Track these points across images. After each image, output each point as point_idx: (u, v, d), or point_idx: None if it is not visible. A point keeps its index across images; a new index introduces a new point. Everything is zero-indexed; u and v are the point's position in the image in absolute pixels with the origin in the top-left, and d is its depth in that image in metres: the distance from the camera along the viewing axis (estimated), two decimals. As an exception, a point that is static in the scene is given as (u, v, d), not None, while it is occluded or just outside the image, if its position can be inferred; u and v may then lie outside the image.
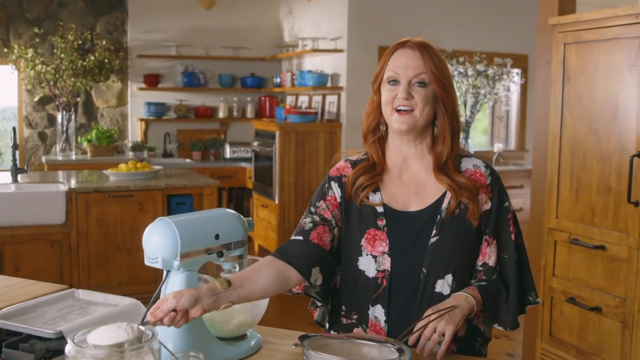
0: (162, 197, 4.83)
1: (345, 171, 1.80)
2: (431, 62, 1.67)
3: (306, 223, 1.77)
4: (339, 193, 1.78)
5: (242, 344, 1.65)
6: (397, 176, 1.76)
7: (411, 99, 1.67)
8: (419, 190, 1.74)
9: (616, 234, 3.17)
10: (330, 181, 1.81)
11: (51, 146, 7.16)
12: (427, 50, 1.69)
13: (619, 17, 3.10)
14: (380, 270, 1.70)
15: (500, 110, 7.26)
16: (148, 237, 1.53)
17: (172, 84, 7.49)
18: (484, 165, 1.76)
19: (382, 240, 1.70)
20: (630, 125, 3.08)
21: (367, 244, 1.71)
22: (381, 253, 1.70)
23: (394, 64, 1.70)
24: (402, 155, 1.77)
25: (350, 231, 1.75)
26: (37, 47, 6.79)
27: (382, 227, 1.71)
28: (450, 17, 6.62)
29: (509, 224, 1.75)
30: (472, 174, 1.73)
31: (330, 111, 6.47)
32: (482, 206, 1.72)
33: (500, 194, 1.74)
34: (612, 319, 3.21)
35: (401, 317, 1.70)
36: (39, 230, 4.49)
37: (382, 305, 1.71)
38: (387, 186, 1.76)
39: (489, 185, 1.73)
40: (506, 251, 1.74)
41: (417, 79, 1.68)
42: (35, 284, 2.19)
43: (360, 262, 1.72)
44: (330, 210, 1.77)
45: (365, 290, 1.72)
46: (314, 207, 1.80)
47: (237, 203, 7.39)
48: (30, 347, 1.62)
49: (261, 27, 7.73)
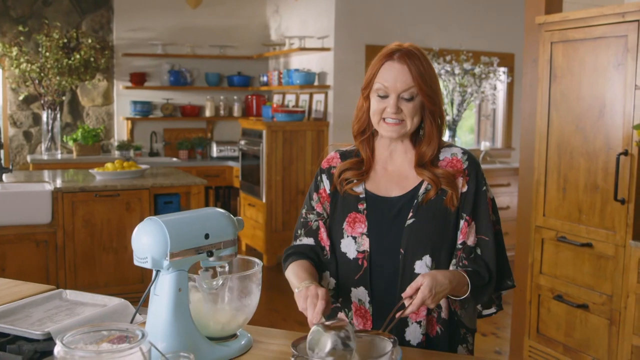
0: (149, 196, 4.81)
1: (334, 162, 1.91)
2: (418, 76, 1.73)
3: (312, 221, 1.88)
4: (328, 185, 1.89)
5: (233, 343, 1.64)
6: (382, 169, 1.86)
7: (400, 112, 1.75)
8: (400, 181, 1.83)
9: (603, 232, 3.19)
10: (322, 173, 1.91)
11: (36, 145, 7.10)
12: (414, 63, 1.73)
13: (605, 16, 3.12)
14: (360, 251, 1.78)
15: (487, 108, 7.28)
16: (137, 237, 1.51)
17: (158, 83, 7.45)
18: (461, 152, 1.83)
19: (362, 222, 1.80)
20: (617, 123, 3.10)
21: (347, 227, 1.81)
22: (360, 234, 1.79)
23: (383, 77, 1.75)
24: (389, 150, 1.86)
25: (335, 217, 1.85)
26: (22, 46, 6.73)
27: (362, 211, 1.80)
28: (437, 15, 6.63)
29: (488, 208, 1.80)
30: (449, 161, 1.81)
31: (317, 110, 6.46)
32: (459, 190, 1.78)
33: (478, 178, 1.81)
34: (598, 316, 3.23)
35: (384, 298, 1.76)
36: (24, 230, 4.45)
37: (364, 287, 1.78)
38: (372, 178, 1.86)
39: (466, 169, 1.80)
40: (487, 234, 1.79)
41: (405, 93, 1.74)
42: (22, 285, 2.16)
43: (342, 244, 1.82)
44: (322, 203, 1.88)
45: (348, 272, 1.81)
46: (312, 200, 1.91)
47: (224, 202, 7.37)
48: (18, 348, 1.61)
49: (248, 25, 7.71)
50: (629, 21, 3.00)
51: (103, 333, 1.36)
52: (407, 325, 1.76)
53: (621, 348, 3.10)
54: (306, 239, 1.88)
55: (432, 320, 1.77)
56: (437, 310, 1.77)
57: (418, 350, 1.73)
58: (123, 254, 4.71)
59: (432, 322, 1.77)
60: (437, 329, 1.78)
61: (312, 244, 1.87)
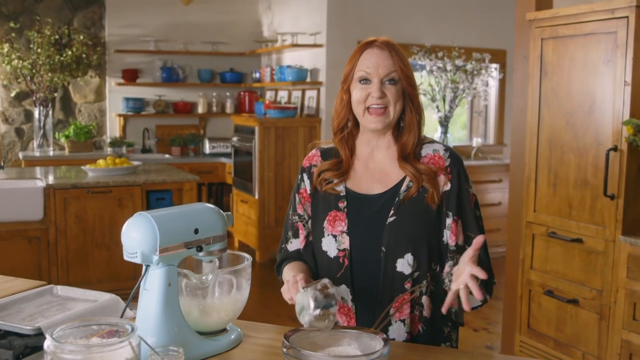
0: (141, 192, 4.81)
1: (314, 160, 1.91)
2: (399, 60, 1.76)
3: (297, 222, 1.90)
4: (308, 185, 1.88)
5: (222, 338, 1.65)
6: (364, 166, 1.85)
7: (384, 97, 1.75)
8: (382, 178, 1.82)
9: (593, 227, 3.21)
10: (303, 173, 1.91)
11: (28, 142, 7.09)
12: (394, 50, 1.77)
13: (595, 12, 3.13)
14: (340, 250, 1.78)
15: (479, 105, 7.30)
16: (127, 232, 1.52)
17: (150, 79, 7.44)
18: (443, 149, 1.82)
19: (342, 220, 1.79)
20: (606, 119, 3.12)
21: (328, 225, 1.80)
22: (340, 232, 1.78)
23: (364, 64, 1.77)
24: (370, 146, 1.85)
25: (316, 216, 1.85)
26: (14, 42, 6.72)
27: (342, 209, 1.80)
28: (429, 12, 6.64)
29: (472, 205, 1.81)
30: (431, 157, 1.80)
31: (309, 106, 6.47)
32: (442, 187, 1.77)
33: (460, 175, 1.80)
34: (589, 311, 3.25)
35: (366, 296, 1.76)
36: (16, 226, 4.45)
37: (346, 285, 1.78)
38: (352, 176, 1.84)
39: (448, 167, 1.79)
40: (474, 231, 1.79)
41: (388, 77, 1.76)
42: (14, 281, 2.17)
43: (323, 242, 1.81)
44: (302, 203, 1.89)
45: (329, 271, 1.80)
46: (295, 201, 1.91)
47: (217, 198, 7.37)
48: (9, 343, 1.61)
49: (240, 22, 7.70)
50: (618, 17, 3.02)
51: (93, 327, 1.37)
52: (390, 324, 1.75)
53: (611, 342, 3.12)
54: (295, 241, 1.90)
55: (414, 319, 1.77)
56: (419, 308, 1.77)
57: (404, 344, 1.73)
58: (115, 251, 4.71)
59: (415, 321, 1.77)
60: (419, 328, 1.77)
61: (300, 247, 1.89)
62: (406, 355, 1.62)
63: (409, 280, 1.73)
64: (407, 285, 1.73)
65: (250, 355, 1.62)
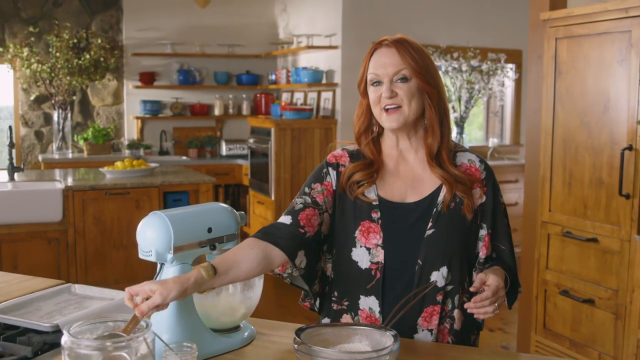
0: (158, 194, 4.85)
1: (342, 160, 1.80)
2: (409, 57, 1.69)
3: (297, 203, 1.76)
4: (335, 180, 1.78)
5: (236, 335, 1.67)
6: (394, 169, 1.77)
7: (395, 96, 1.69)
8: (415, 183, 1.75)
9: (608, 227, 3.20)
10: (328, 167, 1.80)
11: (47, 145, 7.17)
12: (403, 46, 1.70)
13: (609, 11, 3.13)
14: (373, 262, 1.71)
15: (495, 105, 7.28)
16: (142, 231, 1.55)
17: (167, 82, 7.50)
18: (478, 160, 1.79)
19: (376, 232, 1.70)
20: (621, 118, 3.11)
21: (361, 236, 1.72)
22: (374, 245, 1.70)
23: (373, 66, 1.72)
24: (398, 149, 1.78)
25: (345, 221, 1.75)
26: (33, 46, 6.80)
27: (376, 220, 1.71)
28: (444, 13, 6.64)
29: (503, 216, 1.80)
30: (467, 168, 1.76)
31: (325, 107, 6.49)
32: (476, 200, 1.74)
33: (495, 188, 1.78)
34: (604, 311, 3.24)
35: None
36: (36, 228, 4.51)
37: (376, 297, 1.71)
38: (384, 180, 1.76)
39: (484, 180, 1.76)
40: (503, 242, 1.78)
41: (398, 76, 1.69)
42: (32, 280, 2.21)
43: (354, 253, 1.73)
44: (324, 195, 1.76)
45: (359, 280, 1.73)
46: (308, 187, 1.79)
47: (234, 200, 7.41)
48: (28, 340, 1.65)
49: (256, 24, 7.74)
50: (632, 16, 3.01)
51: (109, 324, 1.39)
52: (416, 332, 1.72)
53: (627, 342, 3.11)
54: (282, 218, 1.74)
55: (443, 331, 1.73)
56: (450, 321, 1.73)
57: (426, 343, 1.71)
58: (133, 251, 4.72)
59: (444, 333, 1.73)
60: (449, 339, 1.74)
61: (286, 222, 1.72)
62: (427, 355, 1.63)
63: (441, 292, 1.70)
64: (439, 298, 1.70)
65: (262, 352, 1.64)
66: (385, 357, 1.37)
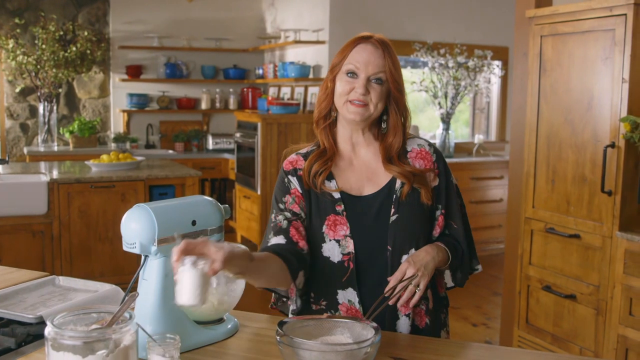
0: (144, 187, 4.85)
1: (298, 164, 1.84)
2: (390, 62, 1.75)
3: (281, 222, 1.78)
4: (298, 185, 1.81)
5: (219, 327, 1.69)
6: (348, 164, 1.83)
7: (367, 95, 1.74)
8: (370, 176, 1.81)
9: (590, 223, 3.24)
10: (287, 175, 1.83)
11: (33, 137, 7.13)
12: (388, 50, 1.76)
13: (593, 10, 3.16)
14: (345, 254, 1.75)
15: (481, 102, 7.32)
16: (126, 223, 1.56)
17: (154, 75, 7.48)
18: (427, 144, 1.86)
19: (343, 224, 1.76)
20: (604, 116, 3.15)
21: (328, 230, 1.76)
22: (343, 236, 1.75)
23: (354, 58, 1.75)
24: (350, 143, 1.84)
25: (312, 220, 1.79)
26: (18, 38, 6.76)
27: (341, 212, 1.76)
28: (432, 9, 6.66)
29: (455, 195, 1.86)
30: (417, 152, 1.83)
31: (312, 102, 6.49)
32: (430, 183, 1.81)
33: (446, 170, 1.85)
34: (586, 306, 3.28)
35: (374, 296, 1.74)
36: (21, 221, 4.50)
37: (352, 288, 1.75)
38: (340, 173, 1.82)
39: (435, 162, 1.83)
40: (456, 220, 1.85)
41: (375, 76, 1.74)
42: (17, 272, 2.21)
43: (325, 248, 1.77)
44: (297, 203, 1.80)
45: (333, 276, 1.76)
46: (281, 203, 1.81)
47: (220, 194, 7.40)
48: (11, 331, 1.65)
49: (243, 18, 7.73)
50: (616, 15, 3.04)
51: (93, 315, 1.40)
52: (397, 318, 1.77)
53: (607, 337, 3.15)
54: (275, 239, 1.75)
55: (420, 313, 1.79)
56: (425, 302, 1.79)
57: (410, 336, 1.75)
58: (118, 245, 4.70)
59: (421, 314, 1.79)
60: (426, 321, 1.80)
61: (282, 242, 1.74)
62: (410, 349, 1.65)
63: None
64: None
65: (245, 344, 1.65)
66: (366, 349, 1.39)
